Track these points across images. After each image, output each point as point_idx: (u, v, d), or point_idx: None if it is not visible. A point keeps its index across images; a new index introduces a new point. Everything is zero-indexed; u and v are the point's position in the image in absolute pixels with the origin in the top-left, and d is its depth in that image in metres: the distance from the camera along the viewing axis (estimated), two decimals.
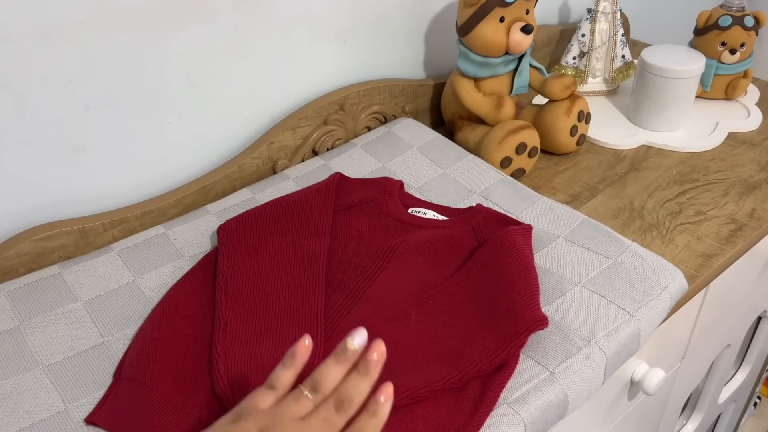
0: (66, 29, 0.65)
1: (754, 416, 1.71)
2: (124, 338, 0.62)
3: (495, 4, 0.80)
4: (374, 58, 0.93)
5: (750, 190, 0.84)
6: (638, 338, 0.62)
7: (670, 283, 0.65)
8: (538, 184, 0.86)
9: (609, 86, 1.06)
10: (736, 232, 0.77)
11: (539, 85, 0.88)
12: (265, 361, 0.55)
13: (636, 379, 0.76)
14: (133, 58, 0.71)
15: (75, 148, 0.71)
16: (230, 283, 0.63)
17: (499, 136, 0.82)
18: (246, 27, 0.78)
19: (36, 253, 0.70)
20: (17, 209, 0.70)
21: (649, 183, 0.86)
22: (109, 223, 0.74)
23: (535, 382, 0.56)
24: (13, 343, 0.61)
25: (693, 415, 1.18)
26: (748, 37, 0.97)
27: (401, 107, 0.95)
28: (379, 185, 0.76)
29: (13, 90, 0.65)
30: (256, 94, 0.83)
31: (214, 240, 0.72)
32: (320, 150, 0.88)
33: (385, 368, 0.56)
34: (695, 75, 0.92)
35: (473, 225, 0.70)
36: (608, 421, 0.79)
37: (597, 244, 0.69)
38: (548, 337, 0.60)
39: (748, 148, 0.93)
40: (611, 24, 1.01)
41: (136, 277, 0.68)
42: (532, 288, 0.60)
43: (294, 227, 0.69)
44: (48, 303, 0.65)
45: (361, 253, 0.68)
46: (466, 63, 0.85)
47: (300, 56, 0.85)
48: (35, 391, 0.56)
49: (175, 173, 0.81)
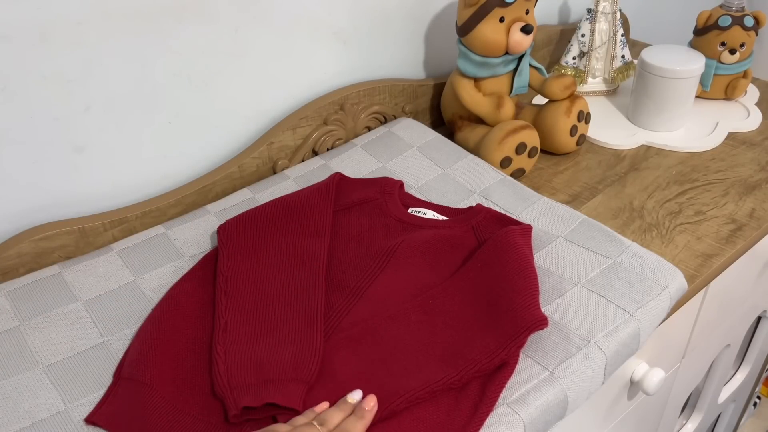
0: (66, 29, 0.65)
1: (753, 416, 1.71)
2: (124, 338, 0.62)
3: (495, 4, 0.80)
4: (374, 58, 0.93)
5: (750, 190, 0.84)
6: (638, 338, 0.62)
7: (669, 283, 0.65)
8: (538, 184, 0.86)
9: (609, 86, 1.06)
10: (735, 232, 0.77)
11: (539, 85, 0.88)
12: (265, 362, 0.55)
13: (636, 379, 0.76)
14: (133, 58, 0.71)
15: (75, 148, 0.71)
16: (230, 283, 0.63)
17: (499, 136, 0.82)
18: (246, 27, 0.78)
19: (36, 253, 0.70)
20: (17, 209, 0.70)
21: (648, 183, 0.86)
22: (109, 223, 0.74)
23: (534, 382, 0.56)
24: (13, 343, 0.61)
25: (693, 415, 1.18)
26: (748, 37, 0.97)
27: (401, 107, 0.95)
28: (379, 185, 0.76)
29: (13, 90, 0.65)
30: (256, 94, 0.83)
31: (214, 240, 0.72)
32: (320, 150, 0.88)
33: (385, 369, 0.56)
34: (695, 75, 0.92)
35: (473, 225, 0.70)
36: (608, 421, 0.79)
37: (597, 244, 0.69)
38: (548, 337, 0.60)
39: (747, 148, 0.93)
40: (611, 24, 1.01)
41: (136, 277, 0.68)
42: (531, 288, 0.60)
43: (294, 227, 0.69)
44: (48, 303, 0.65)
45: (361, 253, 0.68)
46: (466, 63, 0.85)
47: (300, 56, 0.85)
48: (35, 391, 0.56)
49: (175, 173, 0.81)
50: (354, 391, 0.53)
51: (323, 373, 0.56)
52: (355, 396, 0.53)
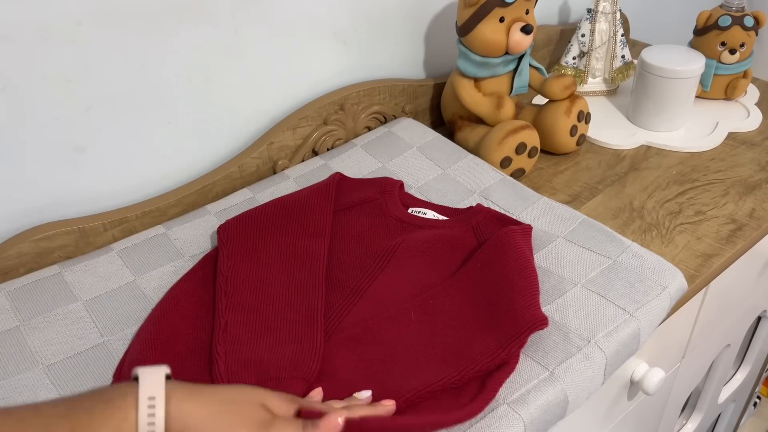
0: (66, 29, 0.65)
1: (753, 416, 1.71)
2: (124, 338, 0.62)
3: (495, 4, 0.80)
4: (374, 58, 0.93)
5: (750, 190, 0.84)
6: (638, 338, 0.62)
7: (669, 283, 0.65)
8: (538, 184, 0.86)
9: (609, 86, 1.06)
10: (735, 232, 0.77)
11: (539, 85, 0.88)
12: (265, 362, 0.55)
13: (636, 379, 0.76)
14: (133, 58, 0.71)
15: (75, 148, 0.71)
16: (230, 283, 0.63)
17: (499, 136, 0.82)
18: (246, 27, 0.78)
19: (36, 253, 0.70)
20: (17, 209, 0.70)
21: (648, 183, 0.86)
22: (109, 223, 0.74)
23: (535, 382, 0.56)
24: (13, 343, 0.61)
25: (693, 415, 1.18)
26: (748, 37, 0.97)
27: (401, 107, 0.95)
28: (379, 185, 0.76)
29: (13, 90, 0.65)
30: (256, 94, 0.83)
31: (214, 240, 0.72)
32: (320, 150, 0.88)
33: (385, 369, 0.56)
34: (695, 75, 0.92)
35: (473, 225, 0.70)
36: (608, 421, 0.79)
37: (597, 244, 0.69)
38: (548, 337, 0.60)
39: (747, 148, 0.93)
40: (611, 24, 1.01)
41: (136, 277, 0.68)
42: (532, 288, 0.60)
43: (294, 227, 0.69)
44: (48, 303, 0.65)
45: (361, 253, 0.68)
46: (466, 63, 0.85)
47: (300, 56, 0.85)
48: (35, 391, 0.56)
49: (175, 173, 0.81)
50: (363, 391, 0.53)
51: (323, 372, 0.56)
52: (363, 395, 0.53)
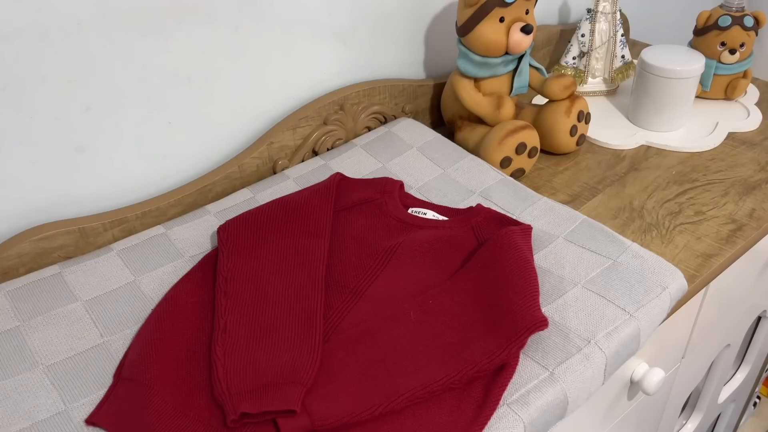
0: (66, 29, 0.65)
1: (753, 416, 1.71)
2: (124, 338, 0.62)
3: (495, 4, 0.80)
4: (374, 58, 0.93)
5: (750, 190, 0.84)
6: (638, 338, 0.62)
7: (669, 283, 0.65)
8: (538, 184, 0.86)
9: (609, 86, 1.06)
10: (735, 232, 0.77)
11: (539, 85, 0.88)
12: (263, 366, 0.55)
13: (636, 379, 0.76)
14: (133, 58, 0.71)
15: (75, 148, 0.71)
16: (230, 283, 0.63)
17: (499, 136, 0.82)
18: (246, 27, 0.78)
19: (36, 253, 0.70)
20: (17, 209, 0.70)
21: (648, 183, 0.86)
22: (109, 223, 0.74)
23: (534, 383, 0.56)
24: (13, 343, 0.61)
25: (693, 415, 1.18)
26: (748, 37, 0.97)
27: (401, 107, 0.95)
28: (379, 185, 0.76)
29: (13, 90, 0.65)
30: (256, 94, 0.83)
31: (214, 240, 0.72)
32: (320, 150, 0.88)
33: (385, 369, 0.56)
34: (695, 75, 0.92)
35: (473, 225, 0.70)
36: (608, 421, 0.79)
37: (597, 245, 0.69)
38: (548, 338, 0.60)
39: (747, 148, 0.93)
40: (611, 24, 1.01)
41: (136, 277, 0.68)
42: (531, 288, 0.60)
43: (294, 227, 0.69)
44: (48, 303, 0.65)
45: (361, 254, 0.68)
46: (466, 63, 0.85)
47: (300, 56, 0.85)
48: (35, 391, 0.56)
49: (175, 173, 0.81)
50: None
51: (322, 373, 0.55)
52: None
